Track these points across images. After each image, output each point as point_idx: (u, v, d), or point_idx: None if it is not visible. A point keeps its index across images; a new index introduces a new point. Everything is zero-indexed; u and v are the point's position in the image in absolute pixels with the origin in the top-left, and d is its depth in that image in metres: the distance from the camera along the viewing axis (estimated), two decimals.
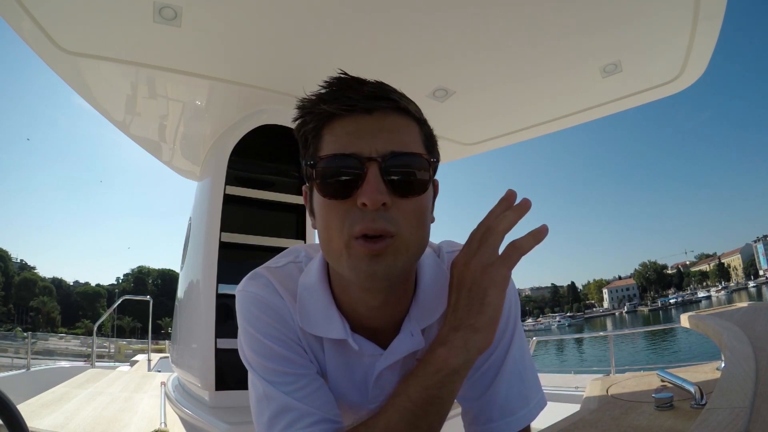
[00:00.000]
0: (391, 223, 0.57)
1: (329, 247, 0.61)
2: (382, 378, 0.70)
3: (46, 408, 2.98)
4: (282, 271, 0.72)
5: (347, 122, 0.60)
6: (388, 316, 0.68)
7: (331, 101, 0.60)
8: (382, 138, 0.59)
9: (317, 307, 0.68)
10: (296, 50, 2.30)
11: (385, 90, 0.62)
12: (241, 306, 0.69)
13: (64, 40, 2.10)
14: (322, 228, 0.62)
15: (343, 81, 0.62)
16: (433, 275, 0.71)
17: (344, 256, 0.59)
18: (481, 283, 0.57)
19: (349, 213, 0.58)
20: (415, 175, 0.60)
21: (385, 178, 0.57)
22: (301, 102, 0.64)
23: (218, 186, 2.63)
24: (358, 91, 0.60)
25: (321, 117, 0.61)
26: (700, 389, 1.43)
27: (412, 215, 0.60)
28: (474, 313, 0.57)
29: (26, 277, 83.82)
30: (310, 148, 0.63)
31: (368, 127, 0.59)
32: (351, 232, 0.57)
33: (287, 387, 0.64)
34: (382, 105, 0.60)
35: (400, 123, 0.61)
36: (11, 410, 0.97)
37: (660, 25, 2.23)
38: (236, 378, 2.37)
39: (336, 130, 0.60)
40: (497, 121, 3.16)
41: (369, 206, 0.56)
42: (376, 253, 0.57)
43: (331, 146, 0.60)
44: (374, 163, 0.57)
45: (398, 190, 0.58)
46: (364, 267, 0.58)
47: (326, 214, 0.60)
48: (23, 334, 16.96)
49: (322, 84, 0.62)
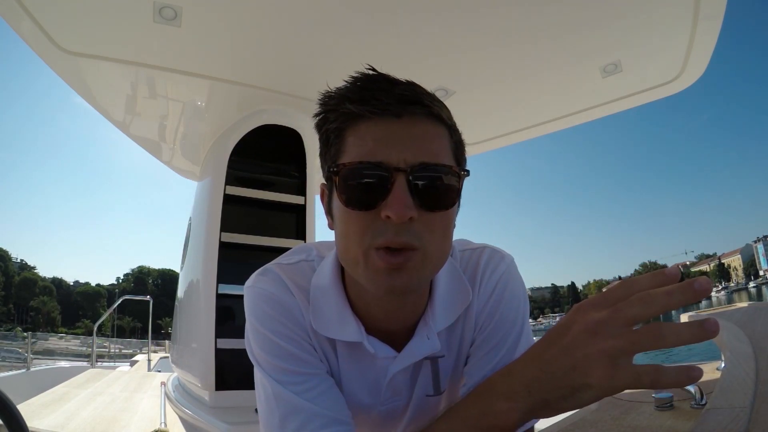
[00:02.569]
0: (415, 237, 0.54)
1: (346, 255, 0.58)
2: (395, 380, 0.69)
3: (46, 408, 2.98)
4: (294, 268, 0.70)
5: (374, 126, 0.56)
6: (403, 319, 0.67)
7: (359, 102, 0.56)
8: (412, 147, 0.55)
9: (331, 309, 0.66)
10: (296, 50, 2.30)
11: (417, 93, 0.57)
12: (251, 302, 0.67)
13: (64, 40, 2.10)
14: (340, 235, 0.59)
15: (372, 79, 0.57)
16: (449, 277, 0.69)
17: (361, 266, 0.56)
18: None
19: (372, 224, 0.54)
20: (444, 188, 0.56)
21: (412, 190, 0.54)
22: (324, 97, 0.60)
23: (218, 186, 2.63)
24: (389, 92, 0.55)
25: (346, 117, 0.57)
26: (700, 389, 1.43)
27: (438, 229, 0.56)
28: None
29: (26, 277, 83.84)
30: (332, 149, 0.59)
31: (397, 133, 0.55)
32: (372, 243, 0.54)
33: (297, 387, 0.62)
34: (413, 110, 0.56)
35: (430, 130, 0.57)
36: (11, 410, 0.97)
37: (660, 25, 2.23)
38: (236, 378, 2.37)
39: (361, 133, 0.56)
40: (497, 121, 3.16)
41: (395, 220, 0.52)
42: (396, 266, 0.54)
43: (355, 150, 0.56)
44: (402, 174, 0.53)
45: (425, 204, 0.54)
46: (382, 280, 0.55)
47: (346, 223, 0.57)
48: (23, 334, 16.95)
49: (347, 79, 0.58)
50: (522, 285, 0.73)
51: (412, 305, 0.66)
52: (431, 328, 0.66)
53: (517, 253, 6.56)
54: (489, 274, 0.71)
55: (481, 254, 0.73)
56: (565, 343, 0.46)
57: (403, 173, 0.54)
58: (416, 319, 0.67)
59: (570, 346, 0.45)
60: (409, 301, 0.65)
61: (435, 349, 0.67)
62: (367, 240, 0.54)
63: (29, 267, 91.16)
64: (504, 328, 0.69)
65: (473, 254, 0.73)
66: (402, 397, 0.71)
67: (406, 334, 0.67)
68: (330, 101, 0.59)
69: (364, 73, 0.58)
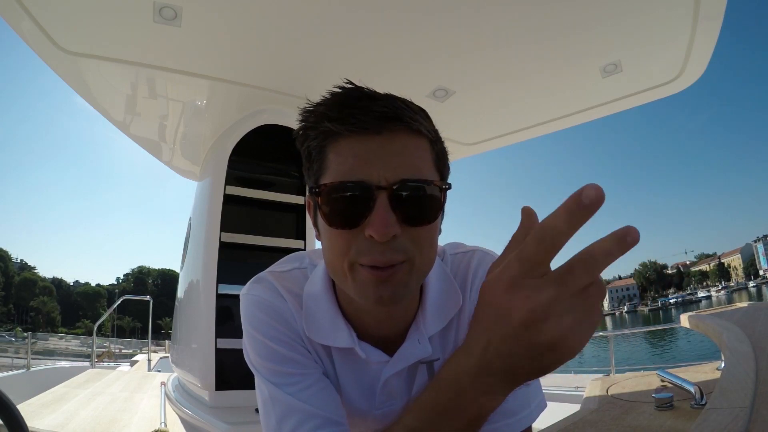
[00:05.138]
0: (400, 252, 0.54)
1: (333, 268, 0.59)
2: (389, 385, 0.69)
3: (46, 408, 2.98)
4: (287, 275, 0.72)
5: (354, 143, 0.55)
6: (394, 325, 0.68)
7: (337, 120, 0.55)
8: (393, 163, 0.54)
9: (323, 316, 0.67)
10: (296, 50, 2.30)
11: (397, 108, 0.56)
12: (245, 309, 0.69)
13: (64, 40, 2.10)
14: (326, 249, 0.60)
15: (351, 96, 0.56)
16: (439, 281, 0.70)
17: (349, 279, 0.57)
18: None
19: (355, 241, 0.55)
20: (426, 202, 0.56)
21: (395, 206, 0.54)
22: (303, 114, 0.60)
23: (218, 186, 2.63)
24: (368, 110, 0.55)
25: (326, 134, 0.57)
26: (700, 389, 1.43)
27: (424, 242, 0.57)
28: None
29: (26, 277, 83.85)
30: (314, 165, 0.60)
31: (377, 150, 0.55)
32: (357, 260, 0.55)
33: (292, 387, 0.64)
34: (392, 126, 0.55)
35: (410, 144, 0.57)
36: (11, 410, 0.97)
37: (660, 25, 2.23)
38: (236, 378, 2.37)
39: (342, 150, 0.56)
40: (497, 121, 3.17)
41: (378, 239, 0.53)
42: (383, 279, 0.55)
43: (336, 168, 0.56)
44: (383, 192, 0.53)
45: (409, 219, 0.55)
46: (370, 293, 0.55)
47: (330, 240, 0.57)
48: (23, 334, 16.95)
49: (326, 95, 0.57)
50: None
51: (403, 311, 0.67)
52: (422, 332, 0.67)
53: None
54: (480, 276, 0.71)
55: (472, 257, 0.73)
56: (505, 332, 0.38)
57: (385, 191, 0.53)
58: (408, 324, 0.68)
59: (512, 335, 0.38)
60: (399, 308, 0.66)
61: (427, 353, 0.68)
62: (352, 256, 0.55)
63: (29, 267, 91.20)
64: None
65: (464, 257, 0.74)
66: (398, 401, 0.72)
67: (399, 339, 0.68)
68: (309, 118, 0.59)
69: (343, 88, 0.57)
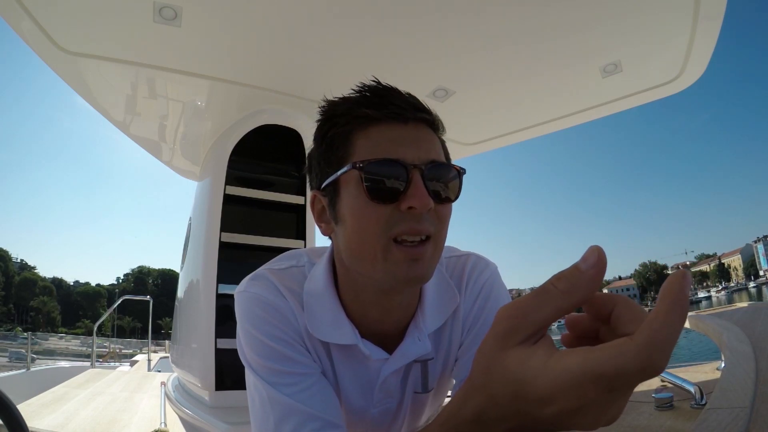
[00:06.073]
0: (432, 224, 0.60)
1: (361, 251, 0.61)
2: (387, 382, 0.70)
3: (46, 408, 2.98)
4: (285, 273, 0.72)
5: (385, 129, 0.62)
6: (395, 321, 0.69)
7: (376, 106, 0.61)
8: (422, 147, 0.61)
9: (325, 313, 0.67)
10: (296, 50, 2.30)
11: (422, 103, 0.65)
12: (243, 307, 0.68)
13: (64, 40, 2.10)
14: (354, 232, 0.61)
15: (384, 88, 0.64)
16: (436, 282, 0.71)
17: (380, 260, 0.59)
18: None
19: (391, 217, 0.59)
20: (451, 183, 0.63)
21: (426, 184, 0.59)
22: (329, 104, 0.65)
23: (218, 186, 2.63)
24: (403, 99, 0.63)
25: (358, 121, 0.62)
26: (700, 389, 1.43)
27: (446, 220, 0.63)
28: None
29: (26, 277, 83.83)
30: (339, 151, 0.63)
31: (408, 136, 0.62)
32: (391, 234, 0.58)
33: (291, 388, 0.63)
34: (420, 116, 0.63)
35: (430, 136, 0.65)
36: (11, 410, 0.97)
37: (660, 25, 2.22)
38: (236, 378, 2.37)
39: (373, 136, 0.61)
40: (497, 121, 3.16)
41: (419, 210, 0.58)
42: (416, 257, 0.59)
43: (369, 151, 0.61)
44: (418, 170, 0.59)
45: (437, 197, 0.60)
46: (402, 272, 0.59)
47: (364, 218, 0.60)
48: (23, 334, 16.96)
49: (354, 89, 0.64)
50: (505, 291, 0.77)
51: (405, 306, 0.68)
52: (422, 330, 0.69)
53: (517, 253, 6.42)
54: (474, 279, 0.75)
55: (467, 261, 0.77)
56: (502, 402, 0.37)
57: (419, 169, 0.59)
58: (407, 322, 0.70)
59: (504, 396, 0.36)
60: (403, 302, 0.68)
61: (426, 351, 0.69)
62: (386, 231, 0.59)
63: (29, 267, 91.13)
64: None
65: (459, 261, 0.77)
66: (394, 398, 0.73)
67: (398, 337, 0.69)
68: (339, 107, 0.64)
69: (372, 84, 0.64)
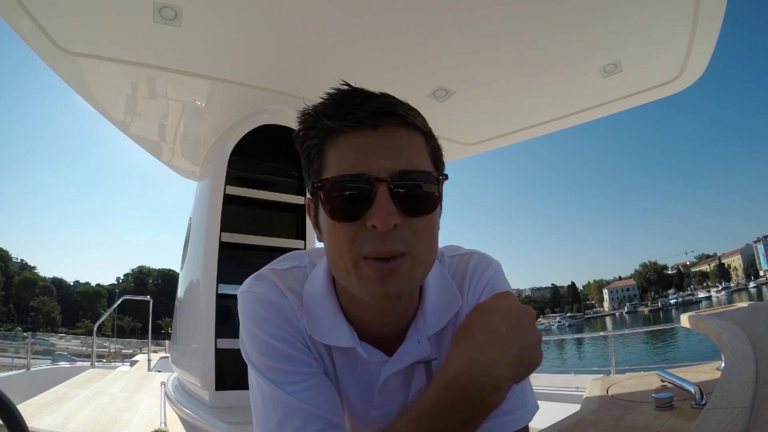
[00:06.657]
0: (402, 242, 0.56)
1: (336, 266, 0.60)
2: (388, 384, 0.70)
3: (46, 408, 2.98)
4: (287, 273, 0.71)
5: (353, 138, 0.58)
6: (394, 324, 0.68)
7: (336, 117, 0.58)
8: (390, 156, 0.57)
9: (325, 316, 0.67)
10: (296, 50, 2.30)
11: (392, 104, 0.59)
12: (246, 307, 0.68)
13: (64, 40, 2.10)
14: (328, 246, 0.61)
15: (348, 94, 0.60)
16: (438, 282, 0.71)
17: (353, 276, 0.58)
18: None
19: (358, 234, 0.56)
20: (424, 193, 0.58)
21: (394, 198, 0.56)
22: (302, 115, 0.62)
23: (218, 186, 2.63)
24: (364, 106, 0.58)
25: (325, 133, 0.60)
26: (700, 389, 1.42)
27: (423, 233, 0.58)
28: None
29: (26, 277, 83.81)
30: (314, 164, 0.62)
31: (375, 144, 0.57)
32: (360, 253, 0.56)
33: (294, 387, 0.63)
34: (389, 121, 0.58)
35: (407, 138, 0.60)
36: (11, 410, 0.97)
37: (660, 25, 2.23)
38: (236, 378, 2.37)
39: (341, 147, 0.59)
40: (497, 121, 3.17)
41: (379, 228, 0.55)
42: (387, 273, 0.56)
43: (336, 164, 0.58)
44: (383, 183, 0.56)
45: (408, 209, 0.57)
46: (374, 288, 0.57)
47: (333, 235, 0.59)
48: (23, 334, 16.96)
49: (324, 96, 0.60)
50: (508, 288, 0.74)
51: (404, 309, 0.67)
52: (422, 332, 0.68)
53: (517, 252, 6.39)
54: (477, 279, 0.73)
55: (470, 260, 0.75)
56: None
57: (384, 182, 0.56)
58: (407, 324, 0.69)
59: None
60: (401, 306, 0.66)
61: (426, 353, 0.68)
62: (355, 250, 0.56)
63: (29, 267, 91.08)
64: None
65: (461, 260, 0.75)
66: (395, 400, 0.72)
67: (398, 339, 0.69)
68: (309, 118, 0.61)
69: (339, 89, 0.60)
